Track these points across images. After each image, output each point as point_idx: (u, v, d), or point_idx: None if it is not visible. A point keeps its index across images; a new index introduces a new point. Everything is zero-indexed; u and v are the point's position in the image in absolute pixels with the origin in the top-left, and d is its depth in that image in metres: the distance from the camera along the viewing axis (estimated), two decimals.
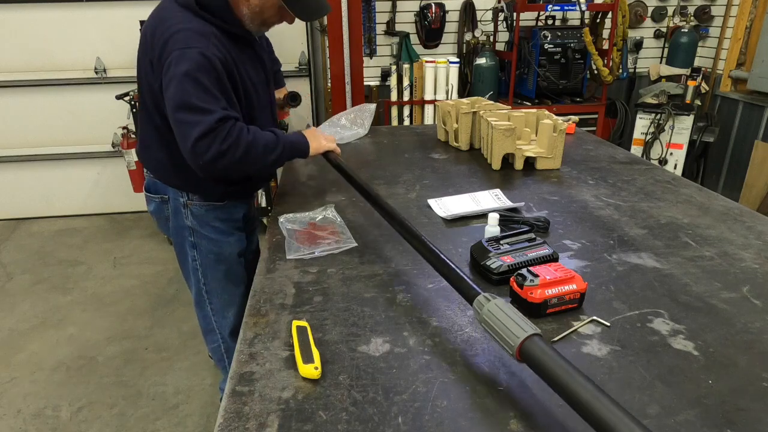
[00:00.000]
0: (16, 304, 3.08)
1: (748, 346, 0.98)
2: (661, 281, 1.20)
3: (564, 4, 3.77)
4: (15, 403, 2.32)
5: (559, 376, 0.74)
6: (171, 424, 2.20)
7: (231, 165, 1.40)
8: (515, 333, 0.81)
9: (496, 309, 0.87)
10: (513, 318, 0.84)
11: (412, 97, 4.04)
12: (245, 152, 1.40)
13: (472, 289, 0.96)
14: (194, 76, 1.32)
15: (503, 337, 0.83)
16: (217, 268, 1.69)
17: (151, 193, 1.70)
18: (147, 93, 1.50)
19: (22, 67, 3.85)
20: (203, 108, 1.33)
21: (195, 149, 1.34)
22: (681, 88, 3.94)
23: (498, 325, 0.85)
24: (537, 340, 0.80)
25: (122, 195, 4.21)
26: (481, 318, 0.89)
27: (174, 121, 1.36)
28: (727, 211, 1.58)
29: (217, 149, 1.34)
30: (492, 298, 0.90)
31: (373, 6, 4.00)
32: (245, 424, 0.81)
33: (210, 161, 1.36)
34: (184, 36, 1.36)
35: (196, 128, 1.32)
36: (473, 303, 0.93)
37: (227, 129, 1.35)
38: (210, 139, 1.33)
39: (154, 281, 3.30)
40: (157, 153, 1.58)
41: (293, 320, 1.05)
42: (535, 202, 1.67)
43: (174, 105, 1.34)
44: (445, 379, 0.90)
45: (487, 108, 2.22)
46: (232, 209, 1.68)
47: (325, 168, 2.05)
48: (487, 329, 0.88)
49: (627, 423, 0.65)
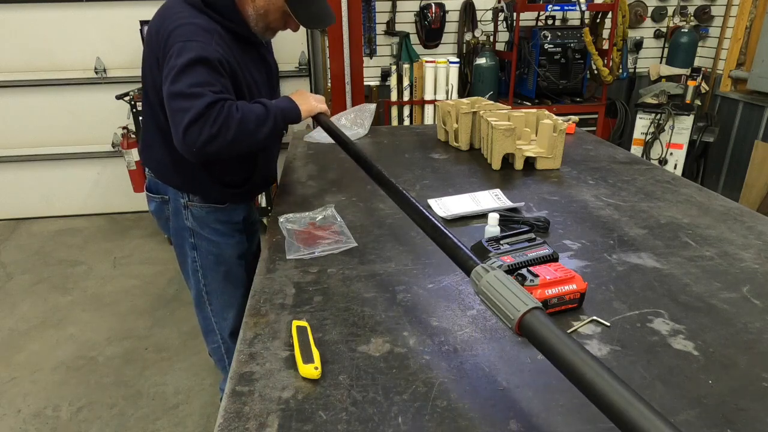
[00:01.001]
0: (16, 304, 3.08)
1: (748, 346, 0.98)
2: (661, 281, 1.20)
3: (564, 4, 3.77)
4: (15, 403, 2.32)
5: (562, 351, 0.71)
6: (171, 424, 2.20)
7: (224, 147, 1.37)
8: (515, 306, 0.77)
9: (494, 280, 0.82)
10: (513, 290, 0.79)
11: (412, 97, 4.04)
12: (237, 131, 1.37)
13: (469, 260, 0.90)
14: (193, 67, 1.32)
15: (502, 310, 0.79)
16: (217, 270, 1.69)
17: (152, 193, 1.70)
18: (151, 91, 1.50)
19: (22, 67, 3.85)
20: (194, 93, 1.31)
21: (186, 137, 1.32)
22: (681, 88, 3.94)
23: (497, 298, 0.80)
24: (538, 314, 0.76)
25: (122, 195, 4.22)
26: (479, 290, 0.84)
27: (168, 111, 1.35)
28: (727, 211, 1.58)
29: (207, 133, 1.32)
30: (491, 269, 0.85)
31: (373, 6, 4.00)
32: (245, 424, 0.81)
33: (201, 147, 1.33)
34: (187, 30, 1.36)
35: (186, 114, 1.30)
36: (470, 274, 0.88)
37: (216, 112, 1.33)
38: (200, 125, 1.31)
39: (154, 281, 3.30)
40: (159, 152, 1.58)
41: (293, 320, 1.05)
42: (535, 202, 1.67)
43: (168, 95, 1.33)
44: (445, 379, 0.90)
45: (487, 108, 2.22)
46: (232, 212, 1.68)
47: (325, 168, 2.05)
48: (485, 301, 0.83)
49: (631, 400, 0.62)
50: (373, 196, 1.74)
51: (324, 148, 2.33)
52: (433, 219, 1.04)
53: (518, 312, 0.76)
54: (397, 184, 1.24)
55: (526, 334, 0.76)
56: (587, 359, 0.69)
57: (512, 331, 0.78)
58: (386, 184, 1.27)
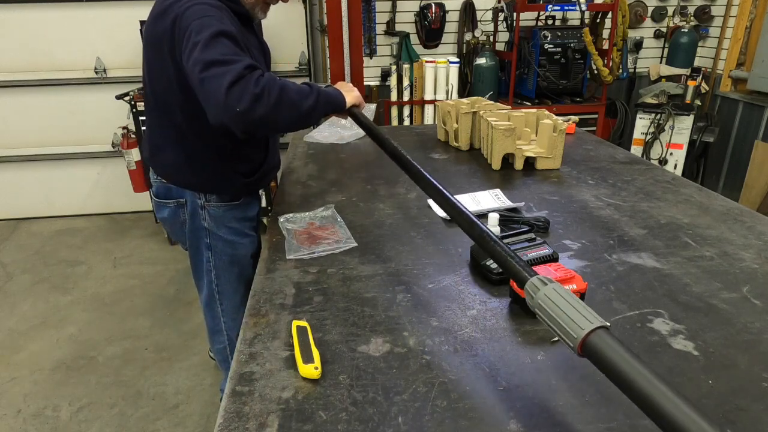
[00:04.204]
0: (16, 304, 3.08)
1: (748, 346, 0.98)
2: (661, 281, 1.20)
3: (564, 4, 3.77)
4: (15, 403, 2.32)
5: (635, 379, 0.64)
6: (171, 424, 2.20)
7: (268, 111, 1.30)
8: (579, 324, 0.70)
9: (554, 294, 0.76)
10: (575, 306, 0.73)
11: (412, 97, 4.04)
12: (279, 95, 1.31)
13: (523, 270, 0.84)
14: (217, 39, 1.28)
15: (564, 328, 0.72)
16: (230, 271, 1.70)
17: (163, 199, 1.65)
18: (159, 88, 1.47)
19: (22, 67, 3.85)
20: (228, 59, 1.27)
21: (228, 98, 1.24)
22: (681, 88, 3.94)
23: (557, 314, 0.74)
24: (605, 335, 0.69)
25: (122, 195, 4.22)
26: (535, 303, 0.78)
27: (200, 82, 1.28)
28: (727, 211, 1.58)
29: (252, 93, 1.26)
30: (548, 282, 0.79)
31: (373, 6, 4.00)
32: (245, 424, 0.81)
33: (247, 108, 1.26)
34: (199, 8, 1.33)
35: (225, 77, 1.24)
36: (525, 285, 0.82)
37: (257, 74, 1.29)
38: (243, 85, 1.25)
39: (154, 281, 3.30)
40: (171, 153, 1.56)
41: (293, 320, 1.05)
42: (535, 202, 1.67)
43: (199, 68, 1.26)
44: (445, 379, 0.90)
45: (487, 108, 2.22)
46: (247, 208, 1.70)
47: (325, 168, 2.05)
48: (541, 316, 0.77)
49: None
50: (373, 196, 1.74)
51: (324, 148, 2.33)
52: (483, 227, 0.99)
53: (582, 331, 0.70)
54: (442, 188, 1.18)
55: (590, 357, 0.70)
56: (666, 391, 0.61)
57: (574, 352, 0.72)
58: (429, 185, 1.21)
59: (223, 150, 1.57)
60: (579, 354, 0.71)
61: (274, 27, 3.61)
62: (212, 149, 1.55)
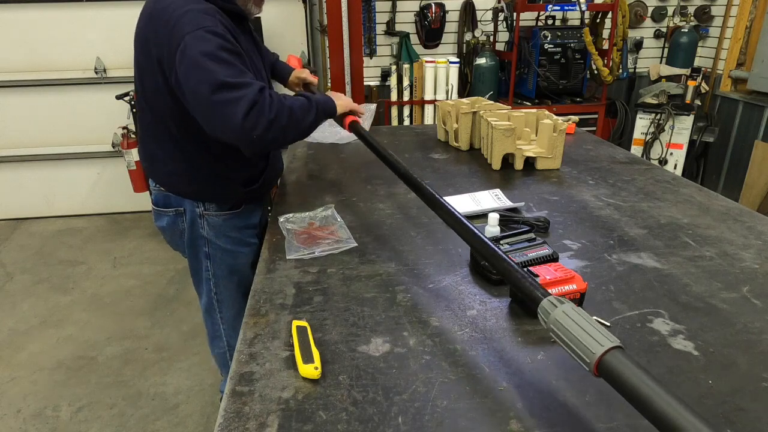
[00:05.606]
0: (16, 304, 3.08)
1: (748, 346, 0.98)
2: (661, 281, 1.20)
3: (564, 4, 3.77)
4: (15, 403, 2.32)
5: (650, 398, 0.63)
6: (171, 424, 2.20)
7: (280, 132, 1.34)
8: (592, 346, 0.71)
9: (564, 317, 0.76)
10: (587, 328, 0.73)
11: (412, 97, 4.04)
12: (289, 116, 1.35)
13: (536, 291, 0.84)
14: (214, 55, 1.27)
15: (576, 351, 0.73)
16: (230, 279, 1.68)
17: (162, 208, 1.63)
18: (150, 93, 1.45)
19: (22, 67, 3.85)
20: (239, 83, 1.27)
21: (245, 125, 1.26)
22: (681, 88, 3.95)
23: (568, 336, 0.74)
24: (619, 354, 0.69)
25: (122, 195, 4.22)
26: (548, 326, 0.79)
27: (210, 105, 1.28)
28: (727, 211, 1.58)
29: (267, 119, 1.29)
30: (560, 303, 0.79)
31: (373, 6, 4.00)
32: (245, 424, 0.81)
33: (262, 133, 1.29)
34: (191, 18, 1.30)
35: (239, 104, 1.26)
36: (537, 308, 0.82)
37: (268, 97, 1.31)
38: (258, 111, 1.28)
39: (154, 281, 3.30)
40: (169, 163, 1.53)
41: (293, 320, 1.05)
42: (535, 202, 1.67)
43: (208, 89, 1.26)
44: (445, 379, 0.90)
45: (487, 108, 2.22)
46: (248, 216, 1.66)
47: (325, 168, 2.05)
48: (556, 339, 0.78)
49: None
50: (373, 196, 1.74)
51: (324, 148, 2.33)
52: (495, 248, 0.98)
53: (597, 353, 0.70)
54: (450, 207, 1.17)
55: (606, 377, 0.70)
56: (683, 410, 0.61)
57: (590, 373, 0.72)
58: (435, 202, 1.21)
59: (222, 158, 1.53)
60: (595, 375, 0.72)
61: (274, 27, 3.61)
62: (211, 157, 1.52)
